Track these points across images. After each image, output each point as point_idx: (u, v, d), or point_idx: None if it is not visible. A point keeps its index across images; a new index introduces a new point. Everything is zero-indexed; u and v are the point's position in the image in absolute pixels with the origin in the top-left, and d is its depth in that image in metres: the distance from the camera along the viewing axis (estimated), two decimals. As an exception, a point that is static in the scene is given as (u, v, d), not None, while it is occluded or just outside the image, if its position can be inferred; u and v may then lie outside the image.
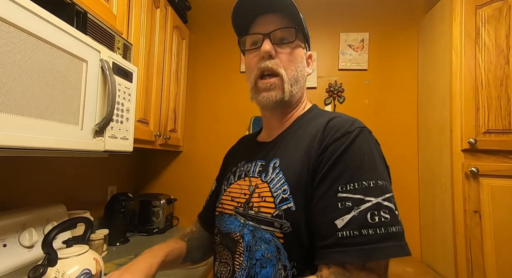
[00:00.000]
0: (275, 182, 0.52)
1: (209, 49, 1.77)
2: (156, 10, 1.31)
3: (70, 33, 0.66)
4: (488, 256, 1.13)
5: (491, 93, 1.19)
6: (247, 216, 0.54)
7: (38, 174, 1.02)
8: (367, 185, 0.44)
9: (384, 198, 0.44)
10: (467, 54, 1.22)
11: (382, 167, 0.48)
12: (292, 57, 0.57)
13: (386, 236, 0.42)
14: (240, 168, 0.63)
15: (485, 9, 1.22)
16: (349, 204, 0.44)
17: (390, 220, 0.43)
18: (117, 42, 0.92)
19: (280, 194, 0.50)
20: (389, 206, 0.44)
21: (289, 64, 0.57)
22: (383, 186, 0.45)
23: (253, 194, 0.54)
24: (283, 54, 0.57)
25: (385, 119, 1.64)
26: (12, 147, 0.53)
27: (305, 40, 0.62)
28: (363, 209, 0.43)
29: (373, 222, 0.42)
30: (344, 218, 0.43)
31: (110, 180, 1.47)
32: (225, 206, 0.61)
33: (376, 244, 0.41)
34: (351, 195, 0.44)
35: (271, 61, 0.56)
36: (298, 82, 0.58)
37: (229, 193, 0.62)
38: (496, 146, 1.17)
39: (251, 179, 0.57)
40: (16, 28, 0.53)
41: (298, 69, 0.58)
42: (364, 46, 1.67)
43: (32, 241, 0.80)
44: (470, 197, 1.18)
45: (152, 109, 1.30)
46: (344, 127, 0.49)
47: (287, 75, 0.56)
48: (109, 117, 0.77)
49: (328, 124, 0.51)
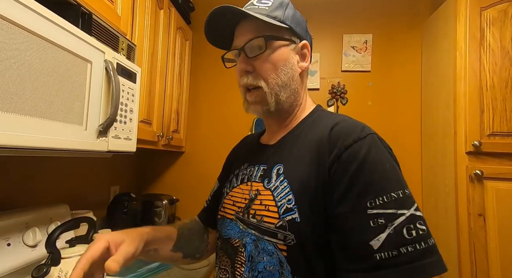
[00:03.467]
0: (279, 191, 0.49)
1: (212, 50, 1.76)
2: (160, 11, 1.31)
3: (75, 34, 0.66)
4: (493, 259, 1.12)
5: (496, 95, 1.18)
6: (248, 224, 0.52)
7: (42, 174, 1.03)
8: (396, 196, 0.41)
9: (415, 208, 0.41)
10: (471, 56, 1.21)
11: (401, 173, 0.45)
12: (271, 65, 0.54)
13: (425, 251, 0.39)
14: (243, 171, 0.61)
15: (490, 11, 1.21)
16: (381, 221, 0.40)
17: (427, 231, 0.40)
18: (121, 43, 0.92)
19: (284, 204, 0.47)
20: (421, 216, 0.41)
21: (269, 73, 0.54)
22: (410, 195, 0.42)
23: (255, 200, 0.52)
24: (260, 64, 0.54)
25: (388, 121, 1.63)
26: (16, 147, 0.54)
27: (292, 32, 0.56)
28: (398, 224, 0.40)
29: (410, 237, 0.39)
30: (380, 237, 0.39)
31: (113, 180, 1.48)
32: (226, 210, 0.60)
33: (417, 262, 0.38)
34: (383, 211, 0.40)
35: (249, 77, 0.55)
36: (286, 86, 0.55)
37: (231, 197, 0.60)
38: (501, 148, 1.16)
39: (253, 183, 0.55)
40: (21, 29, 0.53)
41: (282, 73, 0.54)
42: (368, 48, 1.67)
43: (35, 241, 0.80)
44: (474, 200, 1.16)
45: (155, 110, 1.30)
46: (355, 134, 0.46)
47: (269, 86, 0.54)
48: (113, 117, 0.77)
49: (334, 129, 0.48)
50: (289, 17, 0.56)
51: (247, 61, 0.55)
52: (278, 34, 0.55)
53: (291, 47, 0.56)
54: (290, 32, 0.56)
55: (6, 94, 0.50)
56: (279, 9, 0.55)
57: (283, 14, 0.55)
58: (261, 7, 0.55)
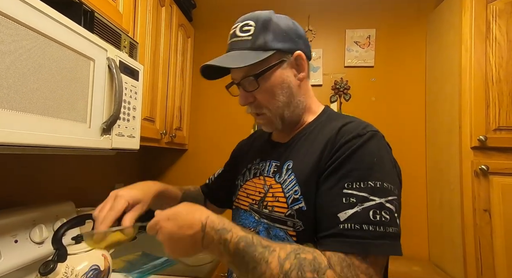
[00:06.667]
0: (287, 183, 0.54)
1: (214, 47, 1.77)
2: (161, 8, 1.31)
3: (78, 32, 0.66)
4: (499, 255, 1.11)
5: (502, 89, 1.16)
6: (261, 213, 0.57)
7: (47, 171, 1.04)
8: (373, 185, 0.46)
9: (387, 200, 0.45)
10: (477, 50, 1.19)
11: (391, 170, 0.49)
12: (268, 94, 0.57)
13: (384, 235, 0.43)
14: (255, 166, 0.65)
15: (496, 3, 1.19)
16: (353, 200, 0.45)
17: (389, 221, 0.44)
18: (123, 41, 0.93)
19: (292, 195, 0.52)
20: (391, 208, 0.45)
21: (269, 100, 0.57)
22: (388, 188, 0.46)
23: (267, 193, 0.57)
24: (259, 96, 0.57)
25: (392, 117, 1.61)
26: (20, 145, 0.54)
27: (281, 52, 0.56)
28: (366, 206, 0.44)
29: (374, 219, 0.44)
30: (347, 212, 0.45)
31: (117, 177, 1.49)
32: (241, 201, 0.64)
33: (375, 240, 0.43)
34: (356, 192, 0.46)
35: (252, 106, 0.59)
36: (288, 104, 0.58)
37: (245, 189, 0.64)
38: (507, 143, 1.15)
39: (266, 178, 0.60)
40: (25, 27, 0.53)
41: (281, 96, 0.57)
42: (371, 43, 1.65)
43: (42, 237, 0.81)
44: (479, 196, 1.15)
45: (158, 107, 1.30)
46: (356, 131, 0.50)
47: (271, 111, 0.58)
48: (116, 115, 0.77)
49: (341, 129, 0.52)
50: (275, 36, 0.55)
51: (247, 95, 0.58)
52: (267, 64, 0.55)
53: (284, 66, 0.57)
54: (279, 53, 0.56)
55: (9, 92, 0.51)
56: (262, 33, 0.55)
57: (267, 38, 0.55)
58: (244, 37, 0.56)
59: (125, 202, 0.53)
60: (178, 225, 0.46)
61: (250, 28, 0.55)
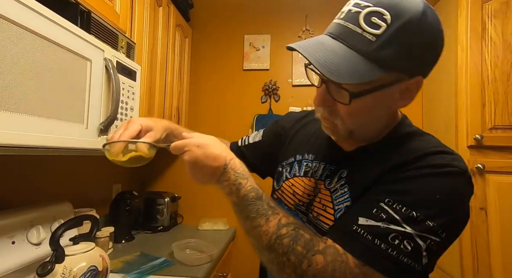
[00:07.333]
0: (339, 195, 0.49)
1: (212, 47, 1.77)
2: (158, 8, 1.31)
3: (74, 32, 0.66)
4: (495, 253, 1.12)
5: (498, 88, 1.17)
6: (308, 217, 0.55)
7: (45, 172, 1.03)
8: (414, 216, 0.39)
9: (421, 235, 0.38)
10: (473, 49, 1.20)
11: (450, 216, 0.40)
12: (355, 115, 0.45)
13: (395, 260, 0.38)
14: (308, 163, 0.59)
15: (491, 3, 1.20)
16: (383, 215, 0.40)
17: (410, 252, 0.38)
18: (120, 41, 0.92)
19: (342, 209, 0.48)
20: (419, 243, 0.38)
21: (351, 119, 0.45)
22: (431, 228, 0.39)
23: (316, 198, 0.54)
24: (344, 109, 0.44)
25: (389, 116, 1.62)
26: (18, 146, 0.54)
27: (402, 70, 0.41)
28: (392, 228, 0.39)
29: (391, 242, 0.38)
30: (369, 221, 0.40)
31: (115, 178, 1.49)
32: (285, 196, 0.61)
33: (382, 258, 0.39)
34: (392, 212, 0.40)
35: (325, 110, 0.47)
36: (366, 126, 0.48)
37: (291, 185, 0.60)
38: (503, 142, 1.16)
39: (317, 181, 0.55)
40: (21, 28, 0.53)
41: (367, 119, 0.46)
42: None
43: (39, 239, 0.81)
44: (476, 194, 1.16)
45: (156, 108, 1.30)
46: (442, 161, 0.42)
47: (345, 126, 0.46)
48: (114, 115, 0.77)
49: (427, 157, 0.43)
50: (408, 50, 0.39)
51: (327, 98, 0.45)
52: (373, 84, 0.41)
53: (391, 89, 0.42)
54: (396, 73, 0.41)
55: (6, 93, 0.51)
56: (394, 41, 0.38)
57: (396, 50, 0.38)
58: (366, 34, 0.38)
59: (139, 125, 0.52)
60: (205, 154, 0.47)
61: (382, 24, 0.38)
